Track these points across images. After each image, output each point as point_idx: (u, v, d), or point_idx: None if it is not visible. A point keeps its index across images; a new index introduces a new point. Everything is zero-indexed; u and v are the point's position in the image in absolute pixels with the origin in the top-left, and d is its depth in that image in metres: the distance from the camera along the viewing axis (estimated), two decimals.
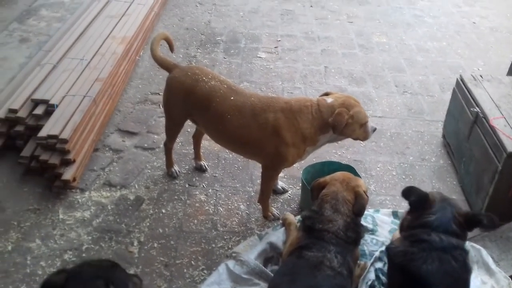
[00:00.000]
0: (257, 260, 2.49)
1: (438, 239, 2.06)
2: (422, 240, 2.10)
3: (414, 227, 2.20)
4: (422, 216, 2.18)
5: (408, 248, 2.12)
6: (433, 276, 1.98)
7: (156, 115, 4.01)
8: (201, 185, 3.35)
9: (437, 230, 2.10)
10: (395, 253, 2.16)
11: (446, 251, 2.03)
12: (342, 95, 2.83)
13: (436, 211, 2.15)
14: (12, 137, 3.34)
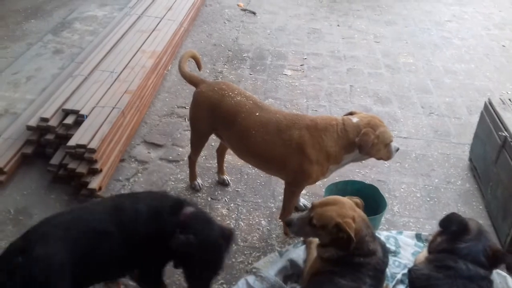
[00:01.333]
0: (277, 277, 2.49)
1: (465, 267, 2.02)
2: (448, 267, 2.07)
3: (441, 251, 2.16)
4: (453, 241, 2.14)
5: (432, 273, 2.08)
6: None
7: (181, 128, 4.08)
8: (223, 199, 3.37)
9: (465, 258, 2.07)
10: (418, 275, 2.13)
11: (472, 281, 2.00)
12: (367, 115, 2.83)
13: (469, 240, 2.13)
14: (42, 145, 3.45)
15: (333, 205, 2.20)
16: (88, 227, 2.07)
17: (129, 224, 2.12)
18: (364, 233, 2.12)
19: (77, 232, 2.03)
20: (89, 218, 2.12)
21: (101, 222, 2.09)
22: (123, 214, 2.14)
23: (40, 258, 1.87)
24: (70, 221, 2.08)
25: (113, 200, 2.40)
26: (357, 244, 2.09)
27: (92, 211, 2.18)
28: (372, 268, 2.07)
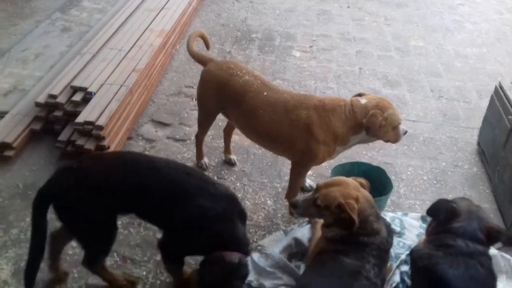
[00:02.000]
0: (281, 255, 2.50)
1: (464, 244, 2.05)
2: (447, 245, 2.09)
3: (439, 232, 2.17)
4: (448, 223, 2.16)
5: (433, 252, 2.10)
6: (459, 280, 1.95)
7: (189, 108, 4.08)
8: (230, 179, 3.39)
9: (463, 236, 2.09)
10: (419, 255, 2.15)
11: (472, 257, 2.01)
12: (375, 97, 2.81)
13: (462, 220, 2.15)
14: (50, 121, 3.47)
15: (337, 186, 2.20)
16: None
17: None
18: (367, 213, 2.13)
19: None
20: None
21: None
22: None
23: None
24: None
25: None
26: (361, 223, 2.09)
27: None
28: (376, 247, 2.08)
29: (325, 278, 2.03)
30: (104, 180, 2.17)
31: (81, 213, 2.18)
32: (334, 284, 1.98)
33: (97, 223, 2.21)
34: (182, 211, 2.14)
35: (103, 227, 2.25)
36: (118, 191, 2.17)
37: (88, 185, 2.15)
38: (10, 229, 2.85)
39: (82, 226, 2.24)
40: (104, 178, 2.18)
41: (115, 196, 2.17)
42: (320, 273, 2.08)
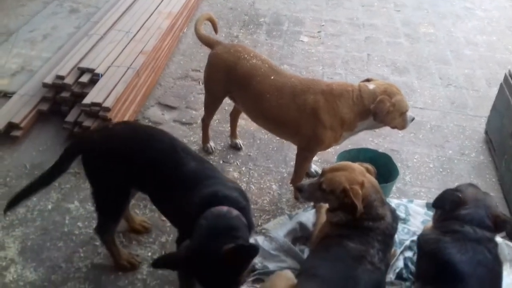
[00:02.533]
0: (286, 238, 2.52)
1: (472, 231, 2.05)
2: (455, 231, 2.10)
3: (446, 219, 2.17)
4: (454, 211, 2.16)
5: (440, 237, 2.11)
6: (466, 265, 1.96)
7: (195, 92, 4.07)
8: (235, 163, 3.39)
9: (471, 223, 2.09)
10: (426, 240, 2.15)
11: (480, 243, 2.02)
12: (384, 83, 2.79)
13: (469, 207, 2.15)
14: (58, 102, 3.48)
15: (343, 171, 2.20)
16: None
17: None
18: (372, 198, 2.13)
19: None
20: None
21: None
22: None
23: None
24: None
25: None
26: (366, 208, 2.09)
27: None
28: (381, 232, 2.08)
29: (329, 261, 2.04)
30: (129, 147, 2.21)
31: (101, 172, 2.26)
32: (338, 268, 1.99)
33: (112, 186, 2.28)
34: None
35: (117, 193, 2.30)
36: (139, 161, 2.19)
37: (113, 148, 2.22)
38: (17, 209, 2.86)
39: (99, 186, 2.33)
40: (130, 145, 2.21)
41: (134, 166, 2.19)
42: (324, 257, 2.08)
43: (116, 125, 2.35)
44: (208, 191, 2.00)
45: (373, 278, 1.98)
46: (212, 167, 2.25)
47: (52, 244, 2.70)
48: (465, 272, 1.94)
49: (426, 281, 2.13)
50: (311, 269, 2.06)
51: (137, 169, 2.20)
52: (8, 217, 2.81)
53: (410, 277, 2.33)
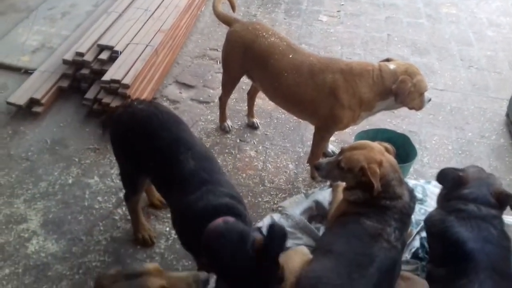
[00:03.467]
0: (302, 216, 2.53)
1: (476, 209, 2.05)
2: (459, 210, 2.09)
3: (450, 199, 2.17)
4: (457, 190, 2.16)
5: (445, 217, 2.11)
6: (474, 242, 1.96)
7: (213, 71, 4.07)
8: (252, 142, 3.40)
9: (475, 201, 2.09)
10: (432, 222, 2.17)
11: (485, 220, 2.02)
12: (404, 63, 2.76)
13: (471, 186, 2.14)
14: (77, 79, 3.53)
15: (362, 149, 2.19)
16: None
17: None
18: (390, 178, 2.12)
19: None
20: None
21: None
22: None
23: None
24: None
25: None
26: (383, 187, 2.09)
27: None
28: (398, 211, 2.08)
29: (345, 238, 2.04)
30: (141, 131, 2.21)
31: (119, 148, 2.36)
32: (354, 245, 2.00)
33: (129, 163, 2.34)
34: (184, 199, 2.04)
35: (133, 170, 2.35)
36: (146, 148, 2.19)
37: (128, 128, 2.26)
38: (38, 182, 2.95)
39: (119, 159, 2.44)
40: (142, 130, 2.21)
41: (143, 151, 2.21)
42: (340, 234, 2.09)
43: (140, 103, 2.32)
44: (202, 205, 1.95)
45: (389, 256, 1.98)
46: (212, 167, 2.16)
47: (72, 217, 2.77)
48: (474, 249, 1.94)
49: (438, 263, 2.14)
50: (327, 245, 2.08)
51: (144, 155, 2.21)
52: (30, 190, 2.88)
53: (426, 256, 2.33)
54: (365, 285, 1.88)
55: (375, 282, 1.90)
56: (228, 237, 1.78)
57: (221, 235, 1.79)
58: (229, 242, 1.77)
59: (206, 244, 1.81)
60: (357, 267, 1.92)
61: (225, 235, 1.79)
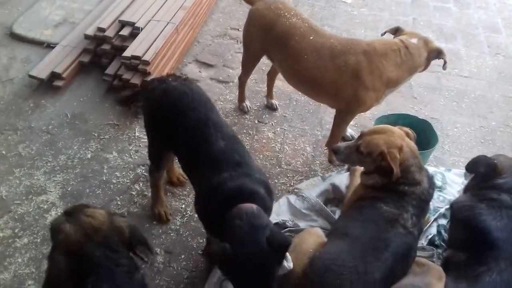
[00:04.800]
0: (318, 199, 2.52)
1: (509, 199, 2.02)
2: (491, 199, 2.07)
3: (483, 188, 2.12)
4: (491, 179, 2.13)
5: (476, 203, 2.09)
6: (501, 231, 1.94)
7: (233, 50, 4.03)
8: (270, 123, 3.38)
9: (509, 192, 2.05)
10: (460, 207, 2.14)
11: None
12: (411, 32, 2.77)
13: (507, 176, 2.11)
14: (98, 54, 3.54)
15: (382, 134, 2.16)
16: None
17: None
18: (410, 163, 2.09)
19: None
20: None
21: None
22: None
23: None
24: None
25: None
26: (403, 173, 2.06)
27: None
28: (417, 197, 2.05)
29: (361, 222, 2.03)
30: (171, 109, 2.22)
31: (153, 122, 2.37)
32: (370, 229, 1.98)
33: (156, 138, 2.39)
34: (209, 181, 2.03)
35: (159, 145, 2.39)
36: (174, 126, 2.21)
37: (158, 106, 2.28)
38: (58, 155, 2.99)
39: (147, 133, 2.47)
40: (172, 107, 2.22)
41: (170, 129, 2.23)
42: (356, 217, 2.08)
43: (175, 80, 2.32)
44: (236, 185, 1.94)
45: (404, 242, 1.96)
46: (242, 149, 2.15)
47: (91, 191, 2.80)
48: (499, 239, 1.92)
49: (458, 248, 2.12)
50: (342, 228, 2.07)
51: (173, 132, 2.22)
52: (49, 163, 2.93)
53: (443, 244, 2.31)
54: (379, 268, 1.88)
55: (389, 266, 1.89)
56: (256, 219, 1.81)
57: (250, 215, 1.81)
58: (254, 228, 1.79)
59: (233, 215, 1.82)
60: (372, 250, 1.91)
61: (254, 216, 1.82)
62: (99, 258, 1.56)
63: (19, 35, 3.87)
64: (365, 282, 1.86)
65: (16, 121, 3.20)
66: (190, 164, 2.23)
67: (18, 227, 2.58)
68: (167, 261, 2.49)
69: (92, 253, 1.55)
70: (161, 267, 2.45)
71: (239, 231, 1.78)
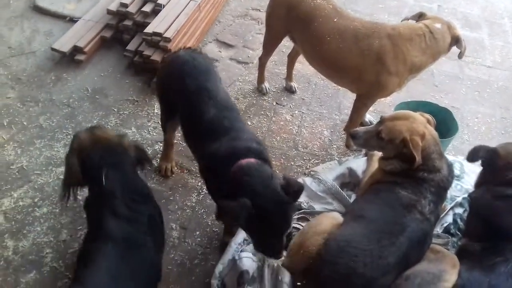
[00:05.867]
0: (334, 182, 2.52)
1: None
2: (508, 196, 2.04)
3: (498, 184, 2.11)
4: (505, 174, 2.10)
5: (494, 202, 2.07)
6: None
7: (254, 31, 4.01)
8: (288, 105, 3.38)
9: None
10: (479, 205, 2.14)
11: None
12: (436, 17, 2.74)
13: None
14: (120, 30, 3.55)
15: (404, 120, 2.13)
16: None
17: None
18: (431, 150, 2.07)
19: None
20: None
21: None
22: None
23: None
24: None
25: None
26: (423, 160, 2.04)
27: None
28: (435, 184, 2.03)
29: (378, 205, 2.03)
30: (174, 76, 2.34)
31: (161, 88, 2.55)
32: (386, 213, 1.98)
33: (162, 105, 2.57)
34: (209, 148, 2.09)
35: (166, 111, 2.55)
36: (174, 93, 2.34)
37: (172, 69, 2.40)
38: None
39: (159, 100, 2.63)
40: (175, 75, 2.34)
41: (172, 96, 2.36)
42: (373, 201, 2.07)
43: (185, 50, 2.49)
44: (227, 149, 2.00)
45: (420, 228, 1.96)
46: (233, 115, 2.18)
47: None
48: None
49: (474, 239, 2.11)
50: (358, 211, 2.07)
51: (175, 99, 2.35)
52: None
53: (458, 233, 2.30)
54: (394, 252, 1.88)
55: (404, 251, 1.89)
56: (261, 171, 1.88)
57: (254, 169, 1.88)
58: (262, 174, 1.87)
59: (241, 179, 1.87)
60: (387, 234, 1.91)
61: (258, 169, 1.89)
62: (105, 160, 1.91)
63: (42, 8, 3.90)
64: (379, 265, 1.86)
65: (37, 93, 3.24)
66: (188, 133, 2.34)
67: (38, 196, 2.63)
68: (182, 236, 2.52)
69: (99, 155, 1.91)
70: (176, 242, 2.49)
71: (252, 185, 1.84)
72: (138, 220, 1.84)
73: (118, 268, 1.69)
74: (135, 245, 1.78)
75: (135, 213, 1.85)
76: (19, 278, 2.30)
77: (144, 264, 1.80)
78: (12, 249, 2.41)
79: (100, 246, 1.72)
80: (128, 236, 1.77)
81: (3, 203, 2.59)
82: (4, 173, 2.73)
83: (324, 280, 1.88)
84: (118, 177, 1.91)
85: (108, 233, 1.75)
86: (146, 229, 1.85)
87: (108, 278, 1.65)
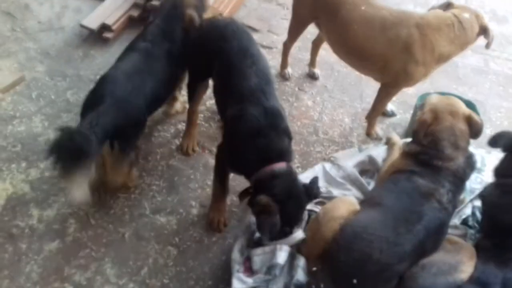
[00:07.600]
0: (354, 169, 2.54)
1: None
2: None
3: (508, 176, 2.13)
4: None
5: (497, 200, 2.11)
6: None
7: (279, 16, 4.01)
8: (310, 92, 3.39)
9: None
10: (485, 203, 2.19)
11: None
12: (464, 7, 2.75)
13: None
14: (148, 10, 3.58)
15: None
16: None
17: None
18: (442, 137, 2.10)
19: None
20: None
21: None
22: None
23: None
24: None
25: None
26: (431, 143, 2.10)
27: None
28: (452, 173, 2.04)
29: (396, 193, 2.05)
30: (223, 34, 2.47)
31: (196, 50, 2.60)
32: (404, 201, 2.00)
33: (196, 66, 2.66)
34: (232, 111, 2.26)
35: (198, 73, 2.67)
36: (213, 55, 2.46)
37: (212, 30, 2.55)
38: None
39: (189, 65, 2.71)
40: (225, 32, 2.47)
41: (210, 57, 2.48)
42: (391, 189, 2.09)
43: (222, 16, 2.71)
44: (264, 143, 2.13)
45: (438, 217, 1.98)
46: (269, 91, 2.27)
47: None
48: None
49: (487, 235, 2.14)
50: (376, 197, 2.10)
51: (214, 59, 2.44)
52: None
53: (476, 225, 2.31)
54: (410, 240, 1.91)
55: (421, 239, 1.92)
56: (290, 178, 2.12)
57: (284, 174, 2.10)
58: (291, 182, 2.11)
59: (271, 180, 2.07)
60: (404, 222, 1.94)
61: (287, 173, 2.11)
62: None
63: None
64: (395, 252, 1.89)
65: (65, 68, 3.32)
66: (222, 92, 2.43)
67: None
68: (201, 214, 2.58)
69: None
70: (195, 219, 2.56)
71: (280, 188, 2.05)
72: (159, 45, 2.55)
73: (140, 64, 2.47)
74: (153, 56, 2.51)
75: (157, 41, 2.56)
76: (42, 246, 2.39)
77: (160, 69, 2.51)
78: (37, 217, 2.50)
79: (128, 53, 2.56)
80: (149, 51, 2.52)
81: (29, 173, 2.68)
82: (32, 144, 2.82)
83: (339, 265, 1.92)
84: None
85: (136, 47, 2.55)
86: (164, 52, 2.55)
87: (132, 68, 2.44)
